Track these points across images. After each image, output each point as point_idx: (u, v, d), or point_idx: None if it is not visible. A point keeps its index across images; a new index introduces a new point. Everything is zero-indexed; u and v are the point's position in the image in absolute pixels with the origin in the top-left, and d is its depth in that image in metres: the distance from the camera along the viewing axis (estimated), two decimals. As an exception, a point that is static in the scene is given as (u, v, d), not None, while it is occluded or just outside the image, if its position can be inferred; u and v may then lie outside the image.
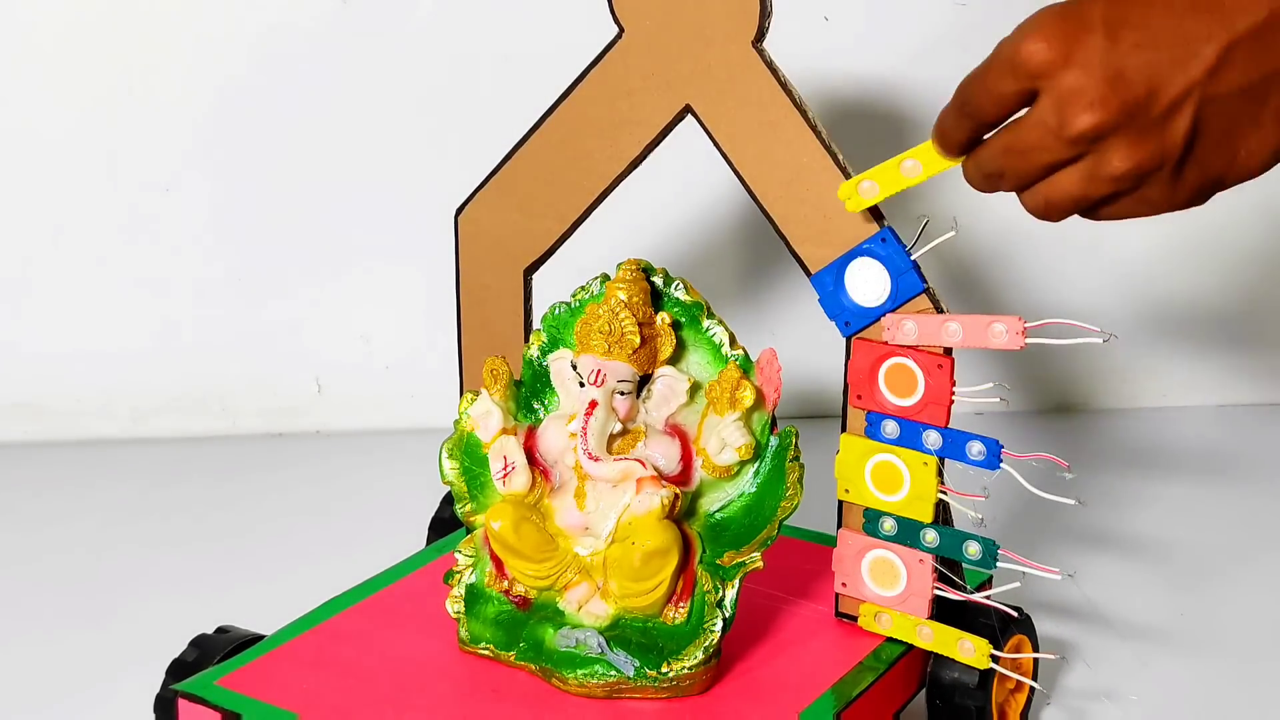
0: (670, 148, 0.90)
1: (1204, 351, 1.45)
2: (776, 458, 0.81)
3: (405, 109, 1.36)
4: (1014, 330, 0.76)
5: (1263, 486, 1.27)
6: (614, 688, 0.79)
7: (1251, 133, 0.61)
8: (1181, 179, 0.63)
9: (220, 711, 0.78)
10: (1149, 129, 0.62)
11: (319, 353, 1.43)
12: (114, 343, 1.41)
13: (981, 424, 0.81)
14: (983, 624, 0.84)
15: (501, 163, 0.93)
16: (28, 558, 1.17)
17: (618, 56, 0.87)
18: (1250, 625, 1.05)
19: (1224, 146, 0.62)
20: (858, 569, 0.85)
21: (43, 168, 1.37)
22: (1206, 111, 0.61)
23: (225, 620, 0.90)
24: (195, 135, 1.36)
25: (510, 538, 0.81)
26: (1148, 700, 0.95)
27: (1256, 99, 0.61)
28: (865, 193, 0.78)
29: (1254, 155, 0.62)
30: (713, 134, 0.85)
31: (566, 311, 0.85)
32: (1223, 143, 0.62)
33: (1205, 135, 0.62)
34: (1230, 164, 0.62)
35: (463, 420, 0.84)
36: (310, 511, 1.25)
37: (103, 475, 1.33)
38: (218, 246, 1.39)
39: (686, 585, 0.80)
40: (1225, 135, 0.62)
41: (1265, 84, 0.60)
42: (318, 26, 1.34)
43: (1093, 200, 0.66)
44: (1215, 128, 0.61)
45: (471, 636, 0.83)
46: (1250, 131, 0.61)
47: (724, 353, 0.83)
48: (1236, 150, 0.62)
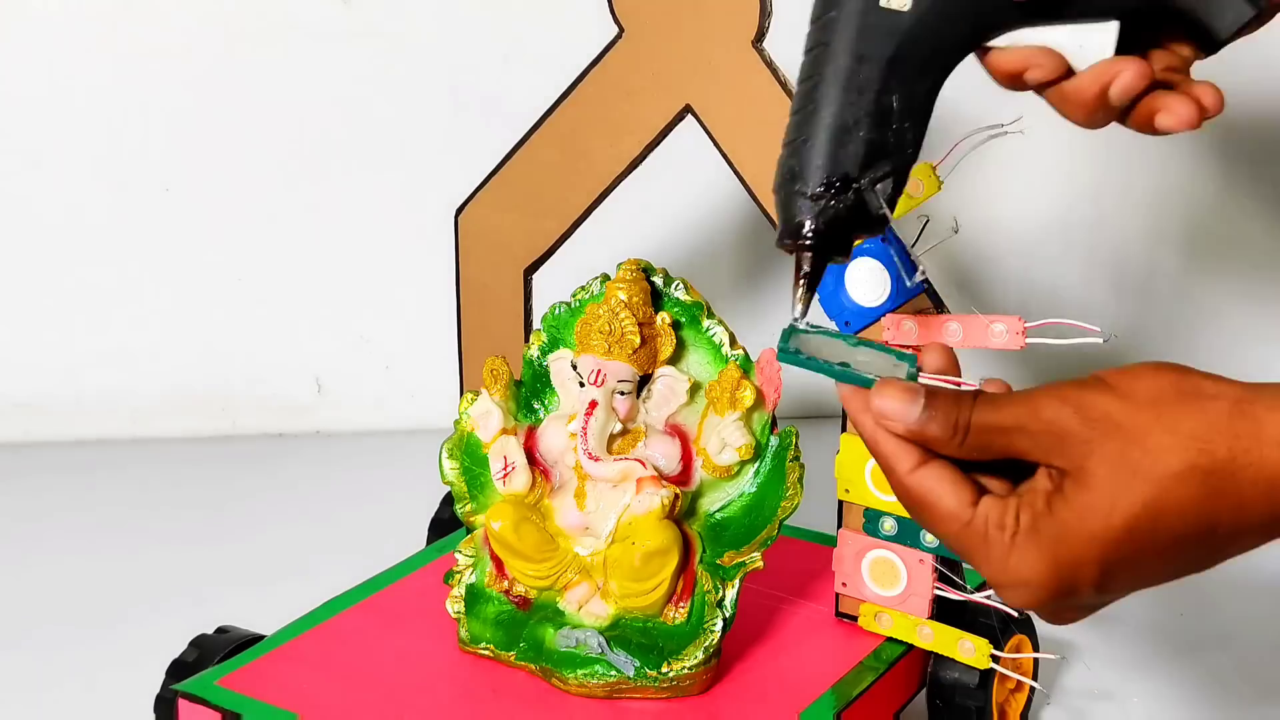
0: (670, 148, 0.90)
1: (1204, 352, 1.45)
2: (776, 458, 0.81)
3: (405, 109, 1.36)
4: (1014, 330, 0.76)
5: (1263, 486, 1.27)
6: (614, 688, 0.79)
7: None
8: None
9: (220, 711, 0.78)
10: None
11: (319, 353, 1.42)
12: (114, 343, 1.41)
13: (981, 424, 0.81)
14: (983, 624, 0.84)
15: (501, 163, 0.93)
16: (28, 558, 1.17)
17: (618, 56, 0.87)
18: (1250, 625, 1.05)
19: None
20: (858, 569, 0.85)
21: (43, 167, 1.37)
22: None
23: (225, 620, 0.90)
24: (195, 135, 1.36)
25: (510, 538, 0.81)
26: (1148, 700, 0.95)
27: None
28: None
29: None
30: (713, 134, 0.85)
31: (566, 311, 0.85)
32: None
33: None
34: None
35: (463, 420, 0.84)
36: (310, 511, 1.25)
37: (103, 475, 1.33)
38: (218, 246, 1.39)
39: (686, 585, 0.80)
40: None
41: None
42: (319, 27, 1.34)
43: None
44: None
45: (471, 636, 0.83)
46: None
47: (724, 353, 0.83)
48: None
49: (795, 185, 0.61)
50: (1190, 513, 0.56)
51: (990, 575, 0.59)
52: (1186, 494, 0.56)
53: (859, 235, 0.62)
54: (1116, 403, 0.58)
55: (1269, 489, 0.56)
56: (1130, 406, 0.58)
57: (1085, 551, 0.57)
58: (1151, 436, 0.56)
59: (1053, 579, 0.57)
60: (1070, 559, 0.57)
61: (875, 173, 0.60)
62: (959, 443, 0.58)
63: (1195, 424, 0.57)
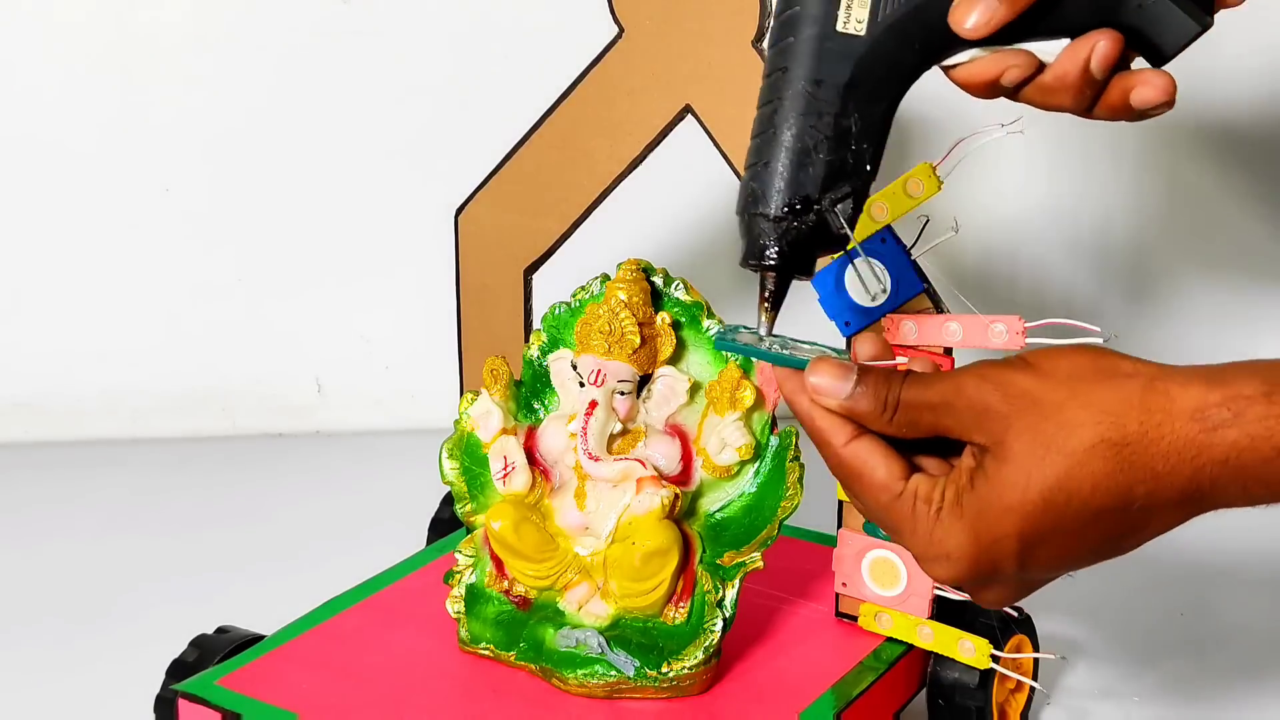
0: (670, 148, 0.90)
1: (1204, 352, 1.45)
2: (777, 458, 0.81)
3: (405, 109, 1.36)
4: (1014, 330, 0.76)
5: (1263, 486, 1.27)
6: (614, 688, 0.79)
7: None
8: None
9: (220, 711, 0.78)
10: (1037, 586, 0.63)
11: (319, 353, 1.43)
12: (114, 343, 1.41)
13: (981, 424, 0.81)
14: (983, 624, 0.84)
15: (501, 163, 0.93)
16: (28, 557, 1.17)
17: (618, 56, 0.87)
18: (1250, 625, 1.05)
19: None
20: (858, 569, 0.85)
21: (43, 168, 1.37)
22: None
23: (225, 620, 0.90)
24: (195, 135, 1.36)
25: (510, 538, 0.81)
26: (1148, 700, 0.95)
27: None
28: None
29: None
30: (713, 134, 0.85)
31: (566, 311, 0.85)
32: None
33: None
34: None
35: (463, 420, 0.84)
36: (310, 511, 1.25)
37: (103, 475, 1.33)
38: (218, 246, 1.39)
39: (686, 585, 0.80)
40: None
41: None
42: (319, 27, 1.34)
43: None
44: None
45: (471, 636, 0.83)
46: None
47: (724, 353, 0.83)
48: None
49: (758, 208, 0.62)
50: (1103, 485, 0.58)
51: (915, 549, 0.61)
52: (1100, 467, 0.57)
53: (821, 254, 0.64)
54: (1035, 380, 0.59)
55: (1180, 462, 0.58)
56: (1048, 384, 0.59)
57: (1004, 524, 0.58)
58: (1066, 411, 0.58)
59: (974, 552, 0.59)
60: (990, 533, 0.59)
61: (835, 193, 0.62)
62: (889, 418, 0.60)
63: (1109, 399, 0.58)
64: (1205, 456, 0.58)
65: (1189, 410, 0.58)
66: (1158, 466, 0.58)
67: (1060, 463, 0.58)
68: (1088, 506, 0.58)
